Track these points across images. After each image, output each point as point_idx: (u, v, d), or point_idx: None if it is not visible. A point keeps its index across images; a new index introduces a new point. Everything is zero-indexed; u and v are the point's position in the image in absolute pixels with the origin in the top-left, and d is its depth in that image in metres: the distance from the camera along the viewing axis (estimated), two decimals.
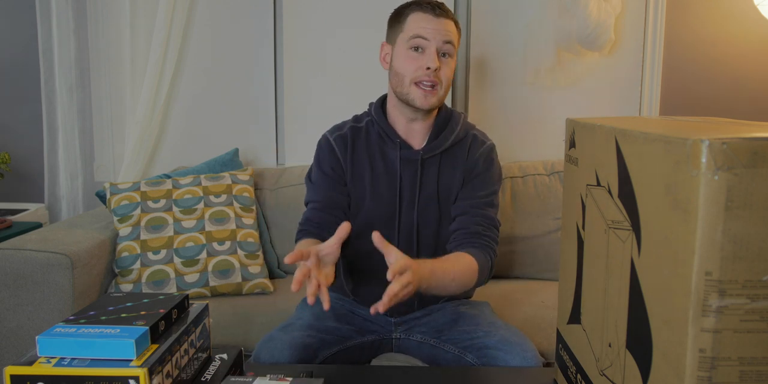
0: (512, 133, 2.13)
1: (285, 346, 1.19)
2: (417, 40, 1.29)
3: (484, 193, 1.36)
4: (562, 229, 0.95)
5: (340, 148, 1.37)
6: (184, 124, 2.23)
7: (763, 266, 0.53)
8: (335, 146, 1.37)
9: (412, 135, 1.37)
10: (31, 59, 2.25)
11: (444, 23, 1.29)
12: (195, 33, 2.18)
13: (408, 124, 1.36)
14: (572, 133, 0.88)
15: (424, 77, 1.28)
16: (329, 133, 1.40)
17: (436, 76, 1.28)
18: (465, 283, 1.24)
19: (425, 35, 1.28)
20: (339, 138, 1.38)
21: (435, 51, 1.28)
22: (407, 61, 1.30)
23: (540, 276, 1.92)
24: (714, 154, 0.51)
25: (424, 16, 1.29)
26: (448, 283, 1.19)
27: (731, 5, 2.05)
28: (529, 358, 1.18)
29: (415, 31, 1.29)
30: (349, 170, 1.37)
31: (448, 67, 1.30)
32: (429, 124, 1.37)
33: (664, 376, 0.59)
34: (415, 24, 1.30)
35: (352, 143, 1.37)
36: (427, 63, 1.27)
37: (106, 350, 0.74)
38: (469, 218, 1.32)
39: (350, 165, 1.37)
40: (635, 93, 2.11)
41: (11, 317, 1.56)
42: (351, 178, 1.37)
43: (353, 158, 1.37)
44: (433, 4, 1.30)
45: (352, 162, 1.37)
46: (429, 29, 1.28)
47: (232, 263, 1.76)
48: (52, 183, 2.29)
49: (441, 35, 1.28)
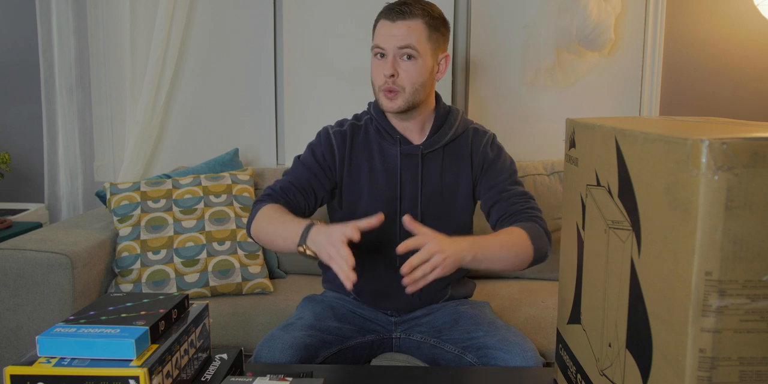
0: (512, 133, 2.13)
1: (286, 345, 1.20)
2: (376, 50, 1.31)
3: (505, 176, 1.37)
4: (562, 229, 0.95)
5: (338, 144, 1.38)
6: (184, 124, 2.23)
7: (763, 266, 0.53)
8: (333, 140, 1.38)
9: (409, 132, 1.38)
10: (31, 59, 2.25)
11: (399, 27, 1.28)
12: (195, 33, 2.18)
13: (400, 122, 1.38)
14: (572, 133, 0.88)
15: (383, 85, 1.31)
16: (330, 127, 1.42)
17: (395, 83, 1.29)
18: (519, 251, 1.22)
19: (380, 44, 1.30)
20: (338, 134, 1.39)
21: (392, 58, 1.29)
22: (373, 69, 1.33)
23: (540, 276, 1.92)
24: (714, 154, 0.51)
25: (383, 24, 1.31)
26: (498, 251, 1.18)
27: (731, 5, 2.05)
28: (529, 358, 1.18)
29: (376, 39, 1.32)
30: (346, 167, 1.37)
31: (411, 70, 1.29)
32: (421, 121, 1.37)
33: (664, 376, 0.59)
34: (377, 32, 1.32)
35: (351, 140, 1.38)
36: (383, 70, 1.30)
37: (106, 350, 0.74)
38: (502, 204, 1.33)
39: (347, 162, 1.37)
40: (635, 93, 2.11)
41: (11, 317, 1.56)
42: (348, 175, 1.37)
43: (351, 155, 1.38)
44: (395, 9, 1.30)
45: (349, 159, 1.37)
46: (384, 37, 1.30)
47: (232, 263, 1.76)
48: (52, 183, 2.29)
49: (395, 41, 1.28)
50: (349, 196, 1.38)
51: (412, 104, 1.32)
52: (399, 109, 1.31)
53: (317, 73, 2.14)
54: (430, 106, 1.38)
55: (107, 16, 2.15)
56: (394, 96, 1.30)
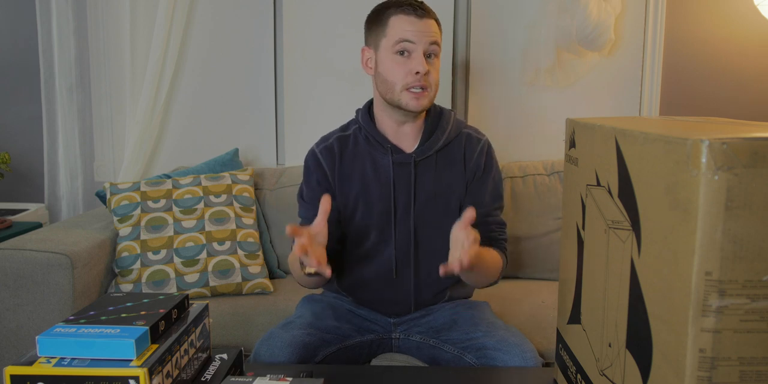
0: (512, 133, 2.13)
1: (285, 344, 1.20)
2: (403, 45, 1.25)
3: (492, 197, 1.37)
4: (562, 229, 0.95)
5: (327, 160, 1.36)
6: (184, 124, 2.23)
7: (763, 266, 0.53)
8: (321, 159, 1.36)
9: (402, 138, 1.35)
10: (31, 59, 2.25)
11: (428, 24, 1.26)
12: (195, 33, 2.18)
13: (398, 127, 1.35)
14: (572, 133, 0.88)
15: (414, 82, 1.25)
16: (316, 146, 1.39)
17: (426, 80, 1.26)
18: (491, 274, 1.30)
19: (411, 38, 1.25)
20: (325, 150, 1.37)
21: (422, 54, 1.25)
22: (395, 66, 1.26)
23: (540, 276, 1.92)
24: (714, 154, 0.51)
25: (407, 19, 1.26)
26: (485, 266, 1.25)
27: (731, 5, 2.05)
28: (529, 359, 1.18)
29: (400, 34, 1.25)
30: (337, 179, 1.36)
31: (436, 68, 1.29)
32: (419, 125, 1.36)
33: (664, 376, 0.59)
34: (399, 27, 1.26)
35: (339, 153, 1.36)
36: (416, 67, 1.24)
37: (106, 350, 0.74)
38: (483, 228, 1.32)
39: (338, 174, 1.35)
40: (635, 93, 2.11)
41: (11, 317, 1.56)
42: (339, 186, 1.36)
43: (341, 167, 1.36)
44: (414, 5, 1.27)
45: (340, 171, 1.35)
46: (414, 32, 1.25)
47: (232, 263, 1.76)
48: (52, 183, 2.29)
49: (427, 37, 1.25)
50: (343, 208, 1.36)
51: (431, 104, 1.32)
52: (424, 107, 1.29)
53: (317, 73, 2.14)
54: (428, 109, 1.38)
55: (107, 16, 2.15)
56: (423, 94, 1.27)
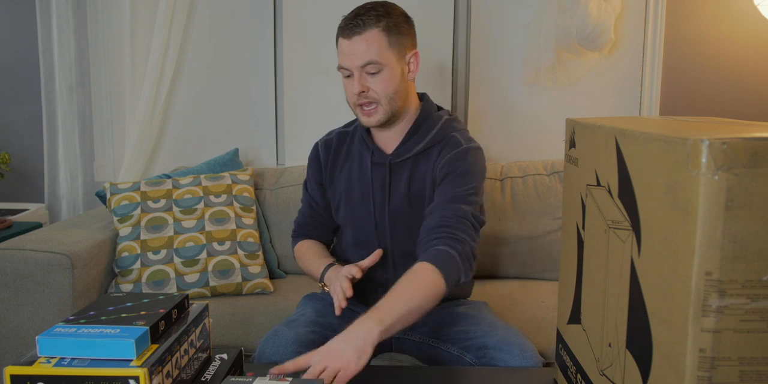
0: (512, 133, 2.13)
1: (290, 341, 1.21)
2: (342, 71, 1.30)
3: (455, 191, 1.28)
4: (562, 229, 0.95)
5: (324, 153, 1.43)
6: (184, 124, 2.23)
7: (763, 266, 0.53)
8: (320, 152, 1.44)
9: (386, 141, 1.38)
10: (31, 59, 2.25)
11: (357, 44, 1.25)
12: (195, 33, 2.18)
13: (381, 132, 1.37)
14: (572, 133, 0.88)
15: (358, 101, 1.29)
16: (321, 139, 1.46)
17: (368, 97, 1.28)
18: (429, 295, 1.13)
19: (343, 64, 1.28)
20: (324, 143, 1.44)
21: (358, 76, 1.27)
22: (345, 87, 1.32)
23: (540, 276, 1.92)
24: (714, 154, 0.51)
25: (342, 42, 1.28)
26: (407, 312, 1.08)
27: (731, 5, 2.05)
28: (529, 358, 1.18)
29: (339, 60, 1.29)
30: (328, 174, 1.42)
31: (380, 83, 1.27)
32: (402, 128, 1.36)
33: (664, 376, 0.59)
34: (339, 52, 1.29)
35: (335, 149, 1.42)
36: (353, 89, 1.28)
37: (106, 350, 0.74)
38: (433, 217, 1.26)
39: (330, 169, 1.42)
40: (635, 93, 2.11)
41: (11, 317, 1.56)
42: (329, 181, 1.42)
43: (333, 163, 1.42)
44: (350, 24, 1.26)
45: (331, 167, 1.42)
46: (346, 56, 1.27)
47: (232, 263, 1.76)
48: (52, 183, 2.29)
49: (355, 60, 1.26)
50: (331, 202, 1.44)
51: (391, 114, 1.30)
52: (379, 122, 1.30)
53: (317, 74, 2.14)
54: (412, 109, 1.36)
55: (107, 16, 2.15)
56: (371, 111, 1.29)
